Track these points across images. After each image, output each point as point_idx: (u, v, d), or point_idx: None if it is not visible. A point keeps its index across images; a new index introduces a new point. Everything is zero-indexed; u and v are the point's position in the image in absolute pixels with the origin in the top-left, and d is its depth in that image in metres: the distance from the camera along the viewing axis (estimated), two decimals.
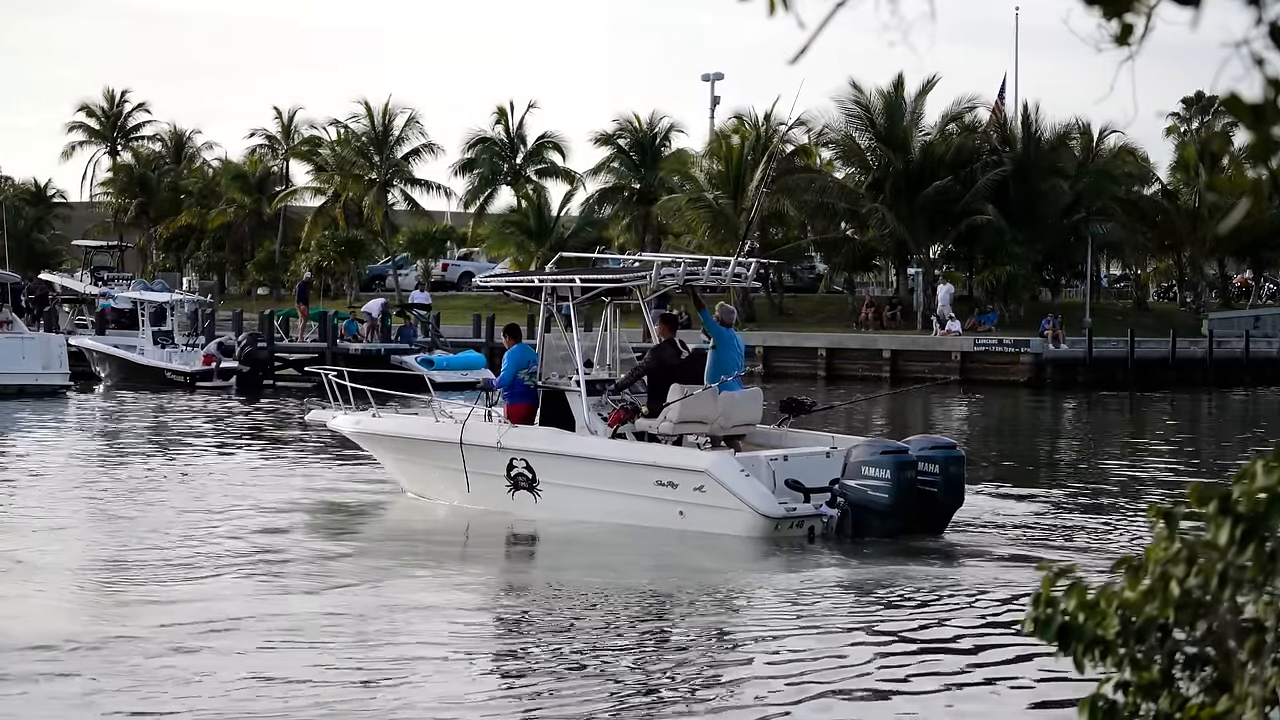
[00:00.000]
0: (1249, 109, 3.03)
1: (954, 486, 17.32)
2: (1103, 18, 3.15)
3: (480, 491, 19.37)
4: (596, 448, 18.31)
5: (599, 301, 20.07)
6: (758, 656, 12.02)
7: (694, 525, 17.17)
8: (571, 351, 19.06)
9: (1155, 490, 23.16)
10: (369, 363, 41.65)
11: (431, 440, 20.10)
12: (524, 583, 15.58)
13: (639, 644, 12.40)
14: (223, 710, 10.26)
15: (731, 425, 18.49)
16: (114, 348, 47.69)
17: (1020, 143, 63.05)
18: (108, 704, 10.42)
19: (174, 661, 11.49)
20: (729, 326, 19.13)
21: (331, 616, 13.26)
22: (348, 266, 72.50)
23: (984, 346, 52.89)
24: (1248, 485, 3.48)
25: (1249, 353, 55.49)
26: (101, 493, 21.87)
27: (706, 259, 19.08)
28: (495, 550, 17.83)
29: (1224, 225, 10.95)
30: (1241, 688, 3.49)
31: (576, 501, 18.30)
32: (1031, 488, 22.70)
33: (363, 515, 20.10)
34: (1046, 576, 3.74)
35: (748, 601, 14.23)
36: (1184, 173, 69.75)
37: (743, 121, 67.90)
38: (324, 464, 25.37)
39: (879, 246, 64.67)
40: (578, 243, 63.08)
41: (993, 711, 10.60)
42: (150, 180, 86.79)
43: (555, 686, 10.96)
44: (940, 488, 17.11)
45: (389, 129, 77.19)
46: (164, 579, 15.06)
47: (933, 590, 14.51)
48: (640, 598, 14.23)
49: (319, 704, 10.42)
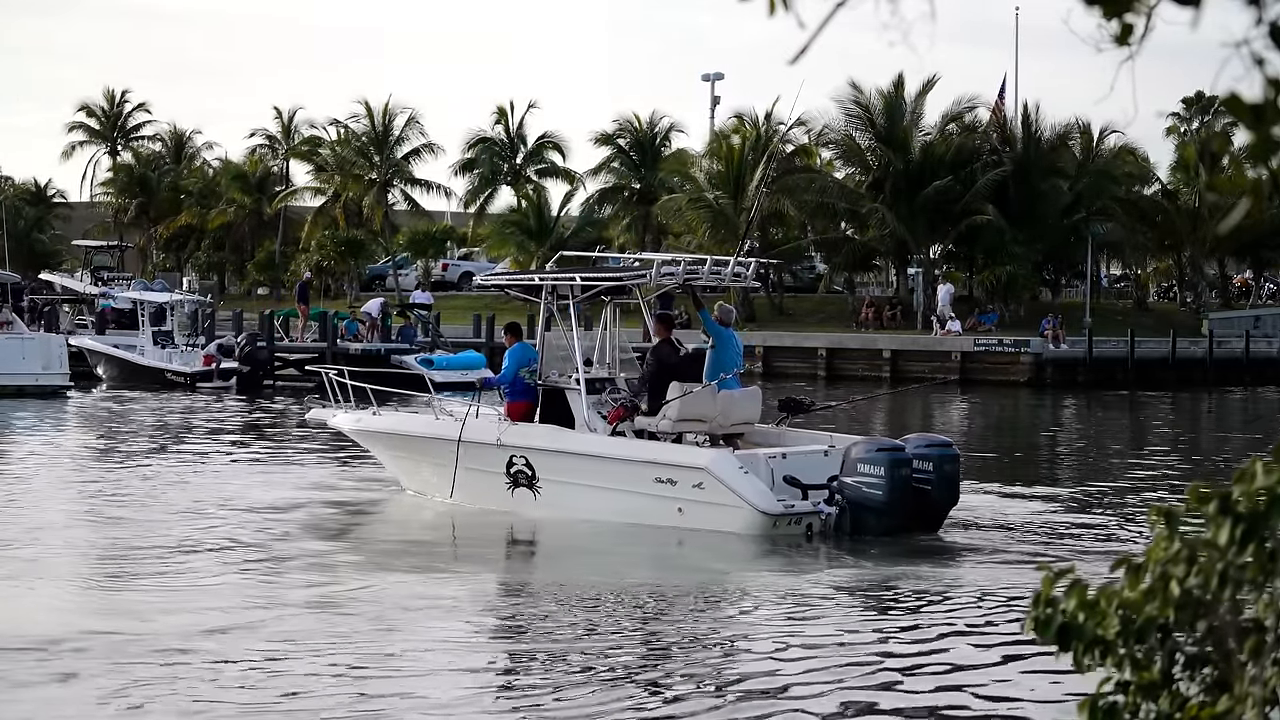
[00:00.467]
0: (1249, 109, 3.03)
1: (949, 484, 17.38)
2: (1103, 18, 3.15)
3: (479, 489, 19.39)
4: (596, 445, 18.34)
5: (599, 301, 20.10)
6: (756, 656, 12.01)
7: (693, 522, 17.22)
8: (571, 350, 19.08)
9: (1155, 490, 23.16)
10: (369, 363, 41.64)
11: (431, 438, 20.12)
12: (522, 582, 15.57)
13: (637, 643, 12.39)
14: (223, 710, 10.26)
15: (730, 424, 18.52)
16: (114, 348, 47.68)
17: (1020, 143, 63.07)
18: (105, 705, 10.41)
19: (173, 662, 11.48)
20: (728, 326, 19.20)
21: (330, 616, 13.25)
22: (348, 266, 72.51)
23: (984, 346, 52.90)
24: (1248, 485, 3.48)
25: (1249, 353, 55.52)
26: (101, 493, 21.86)
27: (706, 258, 19.14)
28: (494, 549, 17.83)
29: (1224, 225, 10.95)
30: (1241, 688, 3.49)
31: (576, 499, 18.32)
32: (1031, 487, 22.70)
33: (362, 514, 20.10)
34: (1046, 576, 3.74)
35: (746, 600, 14.22)
36: (1184, 173, 69.73)
37: (743, 121, 67.92)
38: (323, 463, 25.37)
39: (879, 246, 64.69)
40: (578, 243, 63.09)
41: (992, 711, 10.59)
42: (150, 180, 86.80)
43: (553, 687, 10.95)
44: (935, 485, 17.19)
45: (389, 129, 77.20)
46: (163, 579, 15.05)
47: (932, 590, 14.51)
48: (639, 596, 14.22)
49: (318, 704, 10.41)
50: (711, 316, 18.73)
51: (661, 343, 18.99)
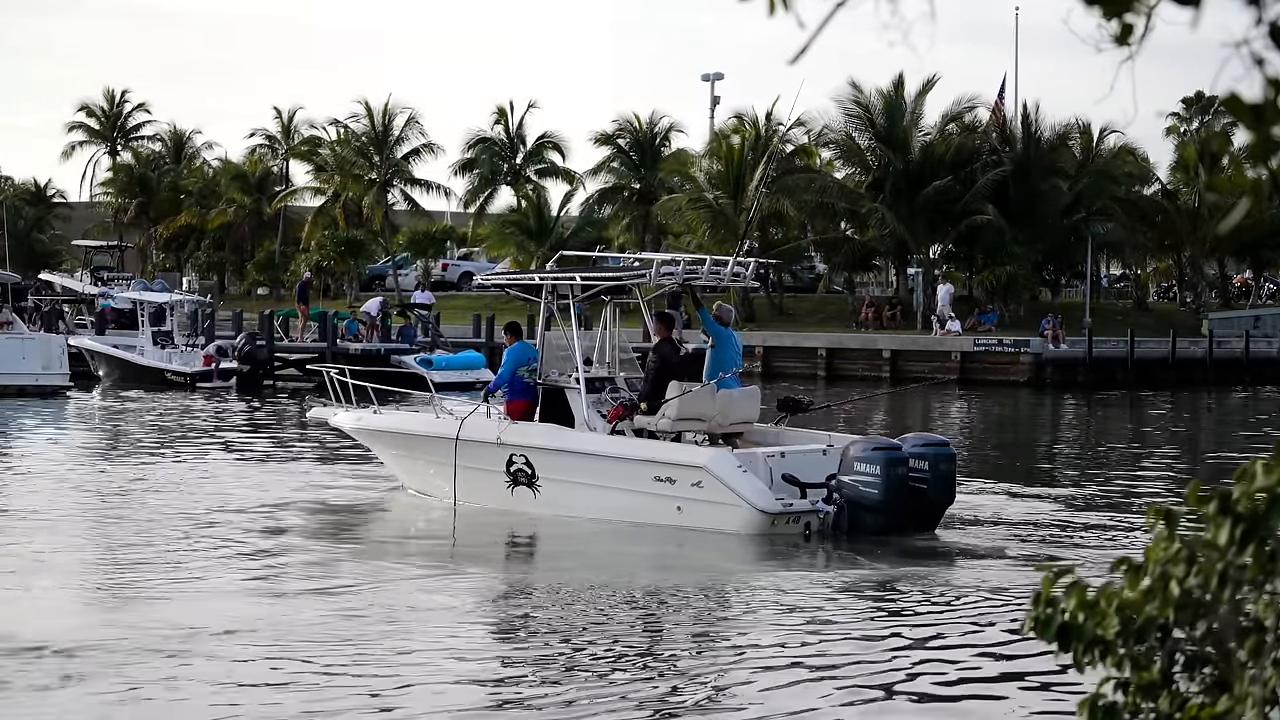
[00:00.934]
0: (1249, 109, 3.04)
1: (944, 484, 17.45)
2: (1103, 18, 3.15)
3: (479, 488, 19.41)
4: (595, 444, 18.40)
5: (599, 301, 20.13)
6: (753, 655, 12.00)
7: (692, 521, 17.29)
8: (571, 349, 19.11)
9: (1155, 490, 23.16)
10: (368, 362, 41.64)
11: (431, 436, 20.15)
12: (521, 582, 15.56)
13: (635, 644, 12.38)
14: (230, 711, 10.26)
15: (729, 423, 18.58)
16: (114, 348, 47.68)
17: (1020, 143, 63.07)
18: (105, 706, 10.41)
19: (172, 663, 11.48)
20: (727, 326, 19.26)
21: (330, 616, 13.23)
22: (348, 266, 72.50)
23: (984, 346, 52.89)
24: (1247, 485, 3.48)
25: (1249, 353, 55.54)
26: (100, 493, 21.85)
27: (705, 258, 19.21)
28: (493, 549, 17.82)
29: (1224, 225, 10.97)
30: (1241, 688, 3.49)
31: (575, 497, 18.38)
32: (1031, 487, 22.70)
33: (361, 514, 20.09)
34: (1046, 576, 3.74)
35: (743, 599, 14.22)
36: (1184, 173, 69.74)
37: (743, 121, 67.91)
38: (324, 463, 25.37)
39: (879, 246, 64.69)
40: (578, 243, 63.07)
41: (992, 712, 10.59)
42: (150, 180, 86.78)
43: (552, 687, 10.95)
44: (931, 485, 17.27)
45: (389, 129, 77.18)
46: (162, 579, 15.03)
47: (931, 589, 14.52)
48: (636, 595, 14.24)
49: (319, 705, 10.41)
50: (711, 316, 18.78)
51: (662, 341, 19.05)
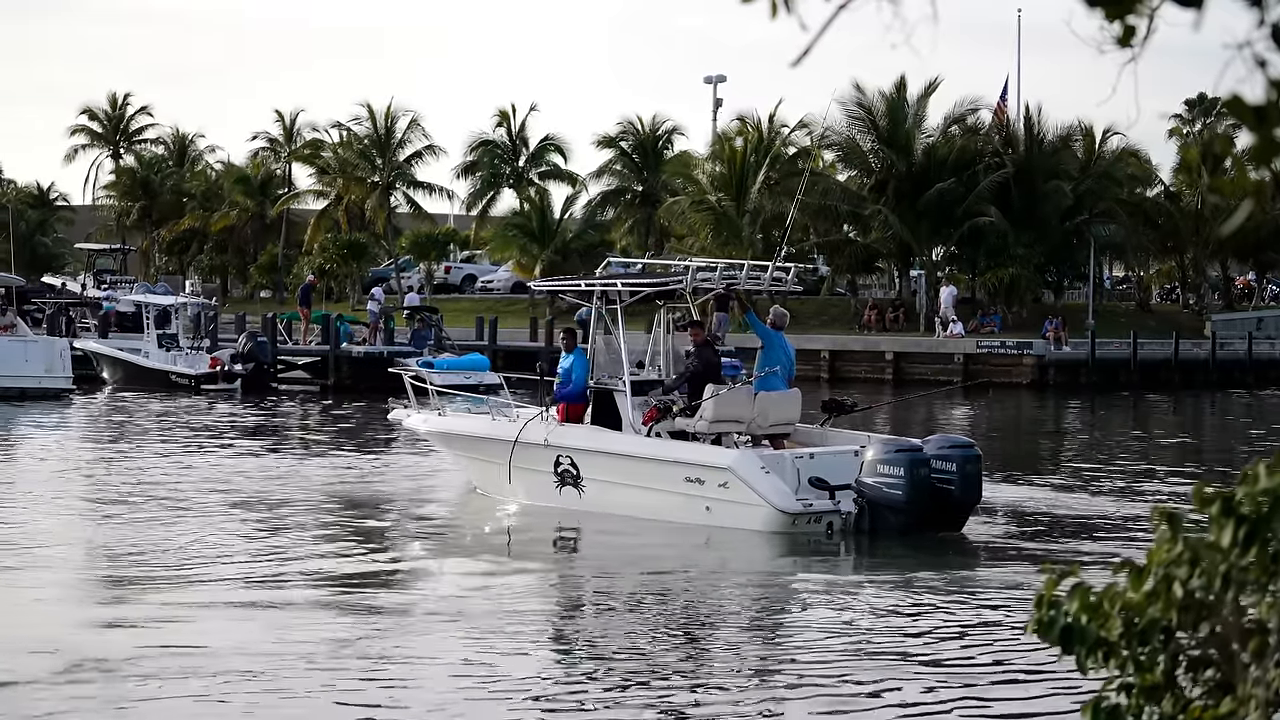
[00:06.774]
0: (1251, 111, 3.04)
1: (971, 484, 17.74)
2: (1105, 20, 3.15)
3: (533, 488, 19.98)
4: (631, 445, 18.92)
5: (653, 305, 20.39)
6: (767, 655, 12.04)
7: (719, 520, 17.72)
8: (619, 353, 19.46)
9: (1158, 492, 23.16)
10: (371, 365, 41.65)
11: (489, 438, 20.75)
12: (549, 585, 15.83)
13: (659, 638, 12.40)
14: (230, 713, 10.26)
15: (769, 424, 18.92)
16: (119, 351, 47.71)
17: (1023, 145, 63.04)
18: (110, 708, 10.41)
19: (176, 665, 11.47)
20: (780, 329, 19.55)
21: (342, 618, 13.24)
22: (350, 269, 72.53)
23: (987, 348, 52.84)
24: (1251, 487, 3.49)
25: (1252, 354, 55.54)
26: (103, 495, 21.85)
27: (743, 263, 19.64)
28: (535, 548, 18.32)
29: (1227, 227, 10.93)
30: (1245, 690, 3.49)
31: (616, 497, 18.92)
32: (1033, 488, 22.74)
33: (372, 512, 20.10)
34: (1050, 578, 3.74)
35: (766, 597, 14.48)
36: (1186, 174, 69.67)
37: (745, 124, 67.89)
38: (323, 463, 25.43)
39: (882, 249, 64.65)
40: (580, 245, 63.09)
41: (995, 712, 10.60)
42: (153, 183, 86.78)
43: (575, 688, 10.96)
44: (958, 485, 17.52)
45: (391, 131, 77.10)
46: (165, 580, 15.04)
47: (936, 591, 14.58)
48: (664, 593, 14.65)
49: (339, 708, 10.42)
50: (759, 319, 19.21)
51: (702, 344, 19.36)
